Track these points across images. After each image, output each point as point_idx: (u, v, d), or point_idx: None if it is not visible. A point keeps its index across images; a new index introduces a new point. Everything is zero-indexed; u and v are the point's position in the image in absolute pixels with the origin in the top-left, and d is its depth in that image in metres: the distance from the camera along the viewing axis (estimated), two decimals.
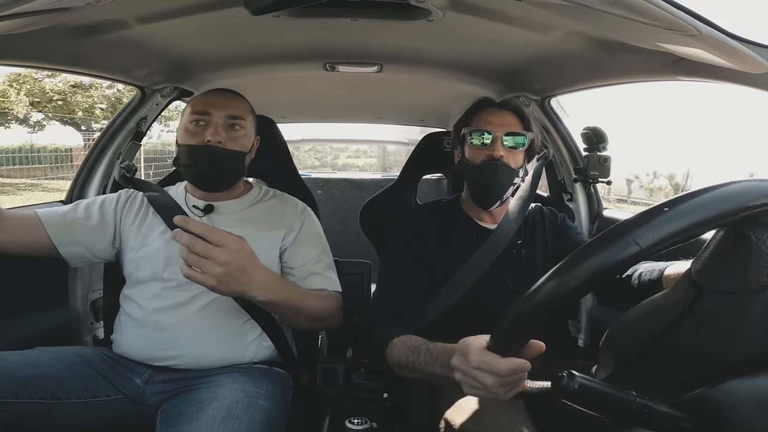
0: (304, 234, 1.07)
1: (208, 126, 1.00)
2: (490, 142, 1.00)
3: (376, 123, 2.64)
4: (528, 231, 1.09)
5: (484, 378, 0.58)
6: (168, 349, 0.95)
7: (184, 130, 1.02)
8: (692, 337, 0.47)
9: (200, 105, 1.02)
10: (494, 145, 1.00)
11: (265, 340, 1.02)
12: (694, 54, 0.74)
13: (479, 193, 1.05)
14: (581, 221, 1.52)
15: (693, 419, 0.45)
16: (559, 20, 0.93)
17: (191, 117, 1.01)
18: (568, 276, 0.48)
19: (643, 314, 0.53)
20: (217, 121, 1.00)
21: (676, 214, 0.44)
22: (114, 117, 1.39)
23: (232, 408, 0.82)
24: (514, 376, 0.57)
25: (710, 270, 0.47)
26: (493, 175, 1.00)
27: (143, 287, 0.99)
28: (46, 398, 0.85)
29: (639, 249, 0.44)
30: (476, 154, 1.02)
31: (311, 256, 1.07)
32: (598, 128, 1.48)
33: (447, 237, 1.05)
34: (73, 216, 1.02)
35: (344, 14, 0.98)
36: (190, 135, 1.00)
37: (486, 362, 0.57)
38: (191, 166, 1.01)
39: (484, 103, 1.07)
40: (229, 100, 1.04)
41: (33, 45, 0.93)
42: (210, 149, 0.98)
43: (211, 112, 1.00)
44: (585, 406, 0.48)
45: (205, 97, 1.05)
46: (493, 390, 0.58)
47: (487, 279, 1.00)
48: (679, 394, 0.47)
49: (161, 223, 1.02)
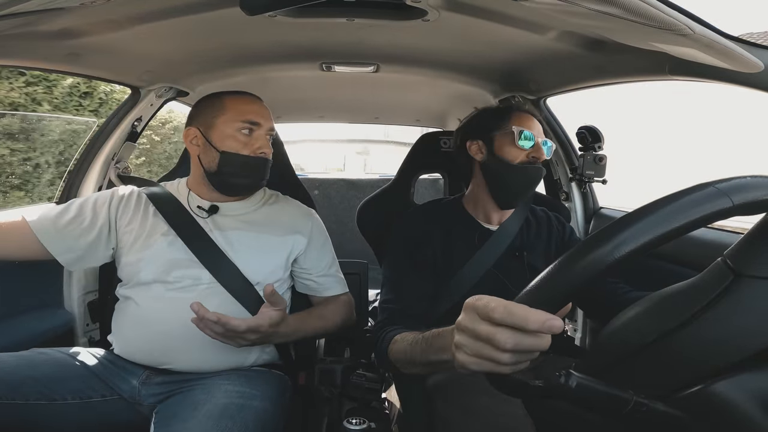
0: (315, 240, 1.08)
1: (257, 137, 1.00)
2: (534, 145, 1.02)
3: (372, 123, 2.65)
4: (531, 234, 1.10)
5: (501, 337, 0.45)
6: (170, 352, 0.94)
7: (231, 138, 0.98)
8: (724, 323, 0.46)
9: (251, 114, 1.00)
10: (538, 149, 1.02)
11: (268, 345, 1.01)
12: (688, 54, 0.74)
13: (511, 193, 1.05)
14: (577, 220, 1.52)
15: (690, 417, 0.46)
16: (554, 20, 0.94)
17: (240, 125, 0.99)
18: (649, 221, 0.44)
19: (668, 298, 0.51)
20: (265, 133, 1.01)
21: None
22: (108, 117, 1.38)
23: (226, 408, 0.82)
24: (537, 341, 0.45)
25: (748, 255, 0.46)
26: (537, 177, 1.04)
27: (145, 289, 0.97)
28: (41, 399, 0.84)
29: (731, 205, 0.43)
30: (518, 153, 1.02)
31: (327, 261, 1.09)
32: (594, 128, 1.48)
33: (450, 237, 1.05)
34: (65, 219, 1.00)
35: (340, 14, 0.98)
36: (241, 144, 0.98)
37: (512, 312, 0.45)
38: (241, 176, 1.00)
39: (518, 105, 1.11)
40: (268, 111, 1.05)
41: (27, 45, 0.92)
42: (265, 161, 1.00)
43: (261, 123, 1.00)
44: (582, 404, 0.48)
45: (254, 105, 1.02)
46: (503, 358, 0.46)
47: (489, 280, 1.00)
48: (683, 387, 0.47)
49: (164, 223, 1.00)
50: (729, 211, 0.45)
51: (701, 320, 0.46)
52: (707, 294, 0.47)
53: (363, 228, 1.40)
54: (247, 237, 1.00)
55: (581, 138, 1.50)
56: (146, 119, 1.42)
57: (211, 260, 0.96)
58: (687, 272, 1.29)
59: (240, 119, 0.99)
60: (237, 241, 0.99)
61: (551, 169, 1.59)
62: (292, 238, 1.04)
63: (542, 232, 1.11)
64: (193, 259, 0.96)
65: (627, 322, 0.52)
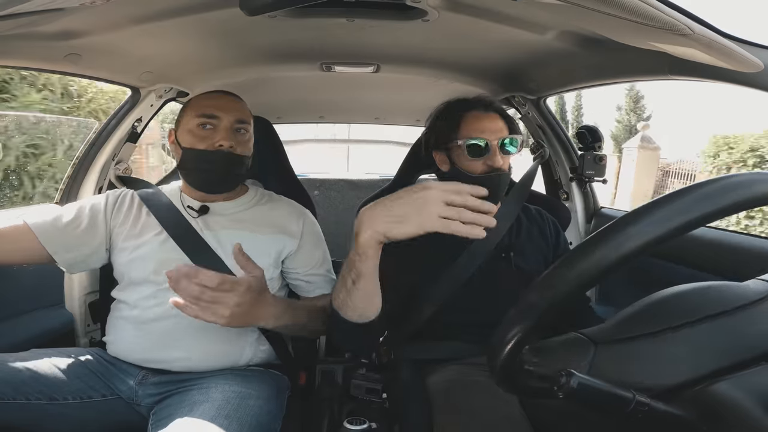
0: (306, 239, 1.07)
1: (217, 130, 0.98)
2: (488, 151, 0.97)
3: (373, 123, 2.65)
4: (522, 234, 1.08)
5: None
6: (163, 351, 0.94)
7: (190, 133, 0.99)
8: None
9: (207, 108, 0.99)
10: (494, 155, 0.97)
11: (263, 343, 1.01)
12: (688, 53, 0.74)
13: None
14: (578, 220, 1.52)
15: (692, 417, 0.46)
16: (553, 20, 0.94)
17: (197, 120, 0.98)
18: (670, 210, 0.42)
19: (707, 291, 0.52)
20: (226, 125, 0.99)
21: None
22: (109, 118, 1.38)
23: (222, 408, 0.81)
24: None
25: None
26: (497, 186, 0.99)
27: (137, 288, 0.97)
28: (42, 399, 0.85)
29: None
30: (474, 165, 0.99)
31: (315, 260, 1.07)
32: (594, 127, 1.49)
33: (435, 237, 1.04)
34: (63, 221, 1.00)
35: (340, 14, 0.98)
36: (198, 139, 0.98)
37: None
38: (202, 171, 0.99)
39: (467, 105, 1.03)
40: (235, 103, 1.03)
41: (27, 46, 0.92)
42: (223, 155, 0.97)
43: (219, 116, 0.99)
44: (583, 404, 0.48)
45: (211, 100, 1.02)
46: None
47: (477, 281, 0.99)
48: (690, 384, 0.47)
49: (156, 223, 1.00)
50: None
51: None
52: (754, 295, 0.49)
53: None
54: (238, 236, 1.00)
55: (581, 138, 1.50)
56: (146, 120, 1.42)
57: (202, 259, 0.95)
58: (687, 272, 1.29)
59: (197, 113, 0.99)
60: (227, 241, 0.99)
61: (551, 168, 1.59)
62: (283, 237, 1.04)
63: (533, 234, 1.09)
64: (184, 258, 0.96)
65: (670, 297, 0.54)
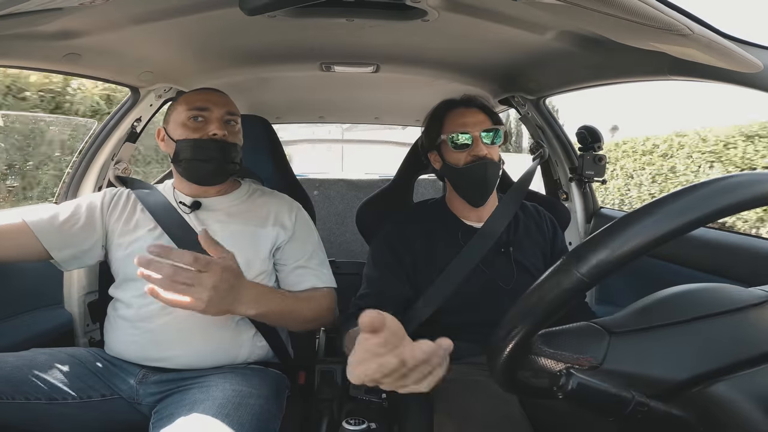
0: (297, 232, 1.07)
1: (209, 122, 1.01)
2: (470, 142, 1.02)
3: (372, 123, 2.65)
4: (519, 230, 1.09)
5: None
6: (160, 349, 0.94)
7: (182, 126, 1.02)
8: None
9: (198, 101, 1.03)
10: (477, 145, 1.02)
11: (260, 340, 1.01)
12: (688, 54, 0.74)
13: (470, 193, 1.06)
14: (577, 220, 1.52)
15: (691, 417, 0.46)
16: (553, 20, 0.94)
17: (189, 113, 1.02)
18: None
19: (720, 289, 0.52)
20: (217, 116, 1.02)
21: None
22: (108, 118, 1.38)
23: (223, 407, 0.81)
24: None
25: None
26: (483, 174, 1.02)
27: (132, 285, 0.98)
28: (42, 399, 0.85)
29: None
30: (459, 157, 1.03)
31: (304, 253, 1.07)
32: (593, 128, 1.49)
33: (433, 236, 1.06)
34: (60, 219, 1.01)
35: (340, 14, 0.98)
36: (190, 130, 1.01)
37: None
38: (198, 161, 1.01)
39: (450, 104, 1.09)
40: (224, 97, 1.06)
41: (26, 45, 0.92)
42: (217, 143, 1.00)
43: (210, 108, 1.02)
44: (583, 404, 0.48)
45: (201, 94, 1.05)
46: None
47: (477, 278, 1.00)
48: (692, 383, 0.47)
49: (150, 219, 1.02)
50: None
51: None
52: None
53: (362, 228, 1.40)
54: (231, 230, 1.01)
55: (581, 138, 1.50)
56: (146, 120, 1.42)
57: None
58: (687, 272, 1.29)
59: (188, 107, 1.02)
60: (221, 234, 0.99)
61: (551, 169, 1.59)
62: (275, 230, 1.05)
63: (531, 229, 1.11)
64: None
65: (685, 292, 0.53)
